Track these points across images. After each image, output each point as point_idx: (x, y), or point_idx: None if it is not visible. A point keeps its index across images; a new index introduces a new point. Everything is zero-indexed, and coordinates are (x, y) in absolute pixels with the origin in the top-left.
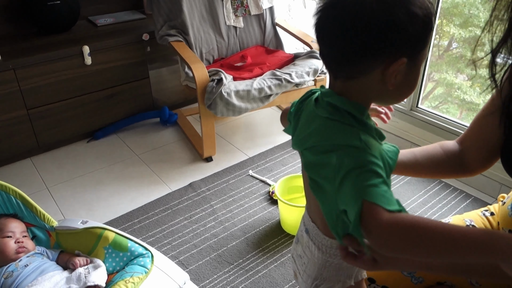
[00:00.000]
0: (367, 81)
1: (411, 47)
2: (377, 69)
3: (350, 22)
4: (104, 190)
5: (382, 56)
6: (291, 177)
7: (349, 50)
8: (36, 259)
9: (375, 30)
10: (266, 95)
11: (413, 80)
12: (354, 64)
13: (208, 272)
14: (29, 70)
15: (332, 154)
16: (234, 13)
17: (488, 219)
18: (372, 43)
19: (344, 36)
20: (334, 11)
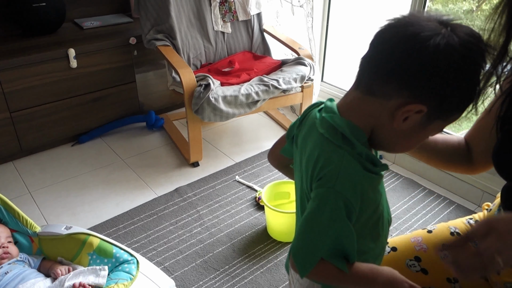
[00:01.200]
0: (380, 106)
1: (437, 104)
2: (397, 99)
3: (412, 42)
4: (89, 194)
5: (410, 90)
6: (278, 183)
7: (393, 64)
8: (17, 266)
9: (423, 63)
10: (253, 100)
11: (415, 140)
12: (385, 80)
13: (194, 279)
14: (12, 72)
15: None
16: (222, 18)
17: (472, 226)
18: (414, 73)
19: (397, 50)
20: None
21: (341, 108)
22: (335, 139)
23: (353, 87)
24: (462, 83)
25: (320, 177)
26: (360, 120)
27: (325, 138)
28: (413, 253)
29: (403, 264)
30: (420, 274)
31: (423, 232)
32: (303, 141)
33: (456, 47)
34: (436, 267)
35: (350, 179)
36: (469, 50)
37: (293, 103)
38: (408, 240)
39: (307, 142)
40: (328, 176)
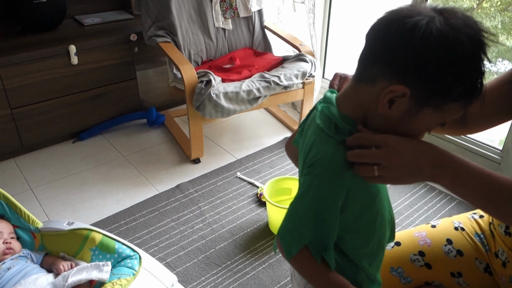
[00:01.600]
0: (368, 92)
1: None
2: (382, 82)
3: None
4: (90, 191)
5: (392, 70)
6: (279, 179)
7: (374, 48)
8: (20, 262)
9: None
10: (254, 97)
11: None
12: (369, 63)
13: (196, 274)
14: (13, 69)
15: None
16: (223, 15)
17: (477, 221)
18: (394, 50)
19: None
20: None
21: (338, 98)
22: (328, 129)
23: (352, 79)
24: (448, 67)
25: (310, 165)
26: (353, 109)
27: (320, 129)
28: (417, 248)
29: (407, 258)
30: (424, 268)
31: (427, 227)
32: (305, 131)
33: (440, 28)
34: (440, 261)
35: (337, 169)
36: (456, 33)
37: (294, 99)
38: (411, 235)
39: (308, 132)
40: (316, 164)
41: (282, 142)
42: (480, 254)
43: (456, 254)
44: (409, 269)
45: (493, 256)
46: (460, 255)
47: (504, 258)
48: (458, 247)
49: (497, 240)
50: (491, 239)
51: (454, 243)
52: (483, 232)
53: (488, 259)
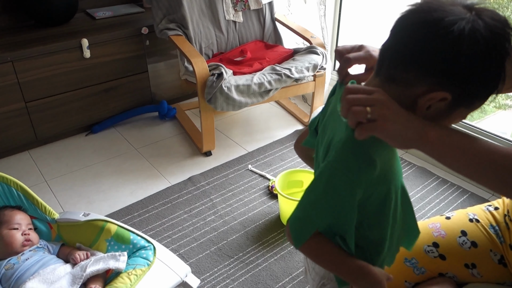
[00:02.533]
0: (402, 94)
1: (461, 92)
2: (420, 87)
3: (435, 28)
4: (103, 183)
5: (434, 78)
6: (290, 172)
7: (413, 51)
8: (38, 253)
9: (449, 51)
10: (266, 90)
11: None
12: (406, 68)
13: (209, 265)
14: (27, 62)
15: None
16: (234, 7)
17: (492, 213)
18: (437, 59)
19: (419, 37)
20: (429, 11)
21: None
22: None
23: (373, 75)
24: (487, 69)
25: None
26: None
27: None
28: (431, 239)
29: (421, 249)
30: (438, 259)
31: (441, 219)
32: (324, 127)
33: (481, 32)
34: (454, 252)
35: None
36: (494, 35)
37: (305, 92)
38: (426, 226)
39: (327, 126)
40: (332, 152)
41: (293, 134)
42: (494, 246)
43: (470, 245)
44: (423, 260)
45: (508, 248)
46: (475, 247)
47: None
48: (473, 238)
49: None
50: (506, 231)
51: (468, 234)
52: (498, 224)
53: (503, 250)
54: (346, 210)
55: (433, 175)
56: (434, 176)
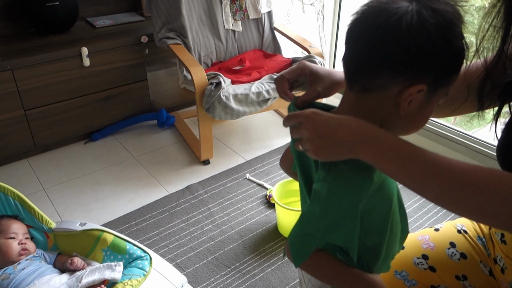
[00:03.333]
0: (380, 99)
1: (434, 76)
2: (395, 87)
3: (384, 30)
4: (101, 191)
5: (403, 75)
6: (288, 181)
7: (374, 58)
8: (34, 262)
9: (406, 46)
10: (264, 99)
11: (424, 117)
12: (374, 75)
13: (205, 275)
14: (27, 70)
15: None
16: (233, 17)
17: (479, 224)
18: (399, 58)
19: (374, 42)
20: (374, 16)
21: (342, 112)
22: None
23: (347, 88)
24: (448, 48)
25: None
26: (366, 119)
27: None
28: (420, 251)
29: (410, 261)
30: (428, 271)
31: (430, 231)
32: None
33: (427, 19)
34: (444, 264)
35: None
36: (440, 15)
37: None
38: (415, 239)
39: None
40: (324, 169)
41: None
42: (483, 258)
43: (459, 257)
44: (413, 272)
45: (493, 261)
46: (464, 258)
47: (502, 264)
48: (462, 250)
49: (495, 246)
50: (490, 244)
51: (457, 246)
52: (484, 236)
53: (490, 263)
54: (350, 224)
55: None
56: None
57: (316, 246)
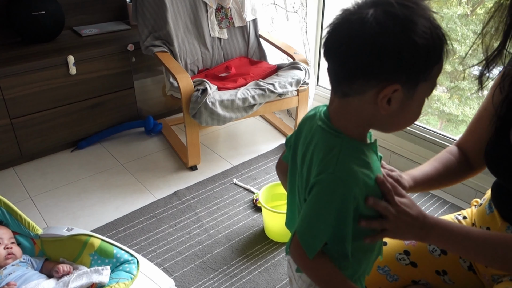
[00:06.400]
0: (360, 102)
1: (406, 76)
2: (370, 91)
3: (349, 39)
4: (88, 199)
5: (375, 79)
6: (274, 185)
7: (346, 67)
8: (20, 268)
9: (370, 51)
10: (250, 104)
11: (412, 111)
12: (350, 82)
13: (193, 279)
14: (12, 79)
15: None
16: (219, 24)
17: (460, 222)
18: (365, 63)
19: (343, 52)
20: (341, 27)
21: (331, 114)
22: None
23: (332, 93)
24: (410, 47)
25: (321, 164)
26: (352, 122)
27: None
28: (402, 247)
29: (393, 257)
30: (409, 267)
31: None
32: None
33: (385, 22)
34: (425, 260)
35: (349, 163)
36: (398, 18)
37: (289, 106)
38: None
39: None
40: (328, 162)
41: (278, 148)
42: None
43: (440, 253)
44: (395, 267)
45: None
46: (444, 254)
47: None
48: None
49: None
50: None
51: None
52: None
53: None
54: (348, 216)
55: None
56: None
57: (325, 238)
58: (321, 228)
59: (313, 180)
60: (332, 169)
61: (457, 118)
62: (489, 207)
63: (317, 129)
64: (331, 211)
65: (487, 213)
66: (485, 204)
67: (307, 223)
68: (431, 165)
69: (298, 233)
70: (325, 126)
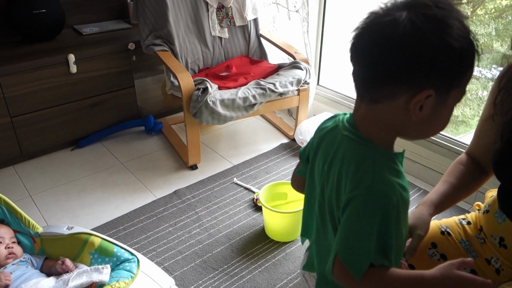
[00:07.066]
0: (391, 108)
1: (440, 81)
2: (402, 96)
3: (381, 43)
4: (89, 197)
5: (408, 83)
6: (275, 184)
7: (376, 71)
8: (20, 267)
9: (403, 55)
10: (250, 104)
11: (443, 118)
12: (380, 87)
13: (193, 278)
14: (13, 77)
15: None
16: (219, 24)
17: (464, 227)
18: (398, 67)
19: (374, 56)
20: (370, 31)
21: (357, 122)
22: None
23: (358, 99)
24: (446, 51)
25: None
26: (381, 129)
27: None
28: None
29: None
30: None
31: None
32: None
33: (420, 26)
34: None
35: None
36: (433, 20)
37: (289, 106)
38: None
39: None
40: (363, 175)
41: (278, 148)
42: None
43: (439, 258)
44: None
45: (484, 262)
46: (444, 259)
47: (498, 266)
48: (443, 251)
49: (489, 247)
50: (479, 246)
51: (438, 247)
52: (468, 239)
53: (474, 265)
54: (391, 227)
55: (415, 186)
56: (416, 187)
57: (371, 255)
58: (366, 245)
59: (348, 196)
60: (370, 181)
61: (457, 119)
62: (500, 215)
63: (343, 140)
64: (374, 226)
65: (499, 222)
66: (492, 210)
67: (350, 242)
68: (445, 182)
69: (340, 253)
70: (352, 136)
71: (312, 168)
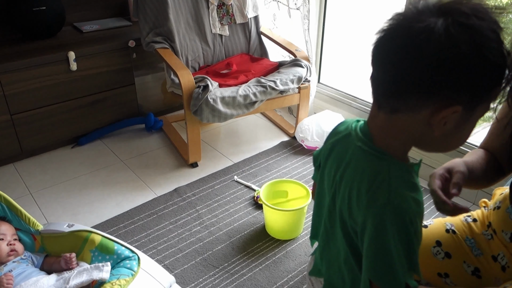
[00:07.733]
0: (412, 120)
1: (470, 96)
2: (427, 109)
3: (411, 51)
4: (89, 195)
5: (435, 97)
6: (275, 182)
7: (403, 80)
8: (21, 265)
9: (435, 67)
10: (251, 101)
11: (465, 133)
12: (403, 97)
13: (194, 276)
14: (13, 75)
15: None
16: (220, 21)
17: (469, 225)
18: (427, 79)
19: (401, 64)
20: (399, 36)
21: (373, 131)
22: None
23: (375, 107)
24: (482, 66)
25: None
26: (398, 140)
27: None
28: None
29: None
30: None
31: None
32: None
33: (457, 36)
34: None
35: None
36: (471, 31)
37: (290, 104)
38: None
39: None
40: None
41: (279, 146)
42: (468, 258)
43: (444, 256)
44: None
45: (490, 259)
46: (448, 258)
47: (505, 263)
48: (447, 249)
49: (496, 243)
50: (486, 243)
51: (443, 245)
52: (474, 237)
53: (478, 263)
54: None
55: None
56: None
57: (405, 274)
58: (397, 263)
59: (363, 213)
60: (386, 198)
61: None
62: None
63: (356, 151)
64: (401, 243)
65: (511, 217)
66: (504, 206)
67: (383, 264)
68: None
69: (374, 278)
70: (366, 148)
71: (322, 175)
